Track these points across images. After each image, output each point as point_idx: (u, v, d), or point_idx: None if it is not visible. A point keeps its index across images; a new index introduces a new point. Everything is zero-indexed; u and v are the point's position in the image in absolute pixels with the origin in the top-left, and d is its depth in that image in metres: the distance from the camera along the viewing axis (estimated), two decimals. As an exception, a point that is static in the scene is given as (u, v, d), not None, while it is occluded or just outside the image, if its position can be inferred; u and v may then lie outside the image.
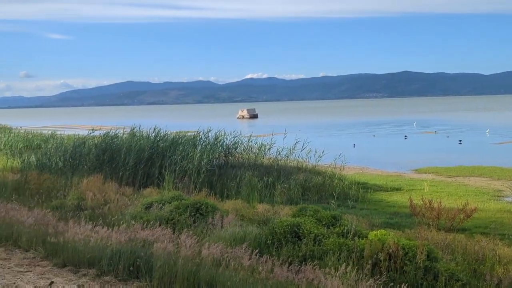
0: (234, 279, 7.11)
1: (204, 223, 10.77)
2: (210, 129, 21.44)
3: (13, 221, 10.81)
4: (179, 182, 16.25)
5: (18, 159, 22.37)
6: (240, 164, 18.87)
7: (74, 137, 23.41)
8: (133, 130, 21.22)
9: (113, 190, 15.06)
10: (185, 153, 18.01)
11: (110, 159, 18.76)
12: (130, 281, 7.71)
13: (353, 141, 44.11)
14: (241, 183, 15.92)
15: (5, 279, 7.50)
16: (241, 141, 20.96)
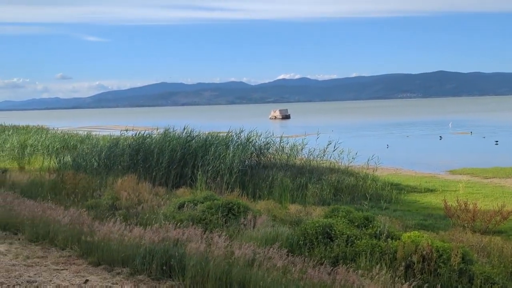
0: (266, 279, 7.10)
1: (236, 223, 10.80)
2: (242, 129, 21.49)
3: (49, 220, 11.05)
4: (212, 182, 16.33)
5: (54, 159, 22.84)
6: (272, 164, 18.85)
7: (108, 138, 23.79)
8: (167, 131, 21.43)
9: (147, 190, 15.24)
10: (218, 153, 18.09)
11: (144, 159, 18.99)
12: (163, 280, 7.79)
13: (386, 141, 43.60)
14: (273, 183, 15.90)
15: (42, 276, 7.67)
16: (273, 141, 20.94)
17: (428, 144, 44.40)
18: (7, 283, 7.14)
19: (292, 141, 22.01)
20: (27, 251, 9.50)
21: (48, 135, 31.51)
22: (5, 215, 11.87)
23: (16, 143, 27.54)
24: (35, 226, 10.70)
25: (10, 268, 8.07)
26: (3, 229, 11.28)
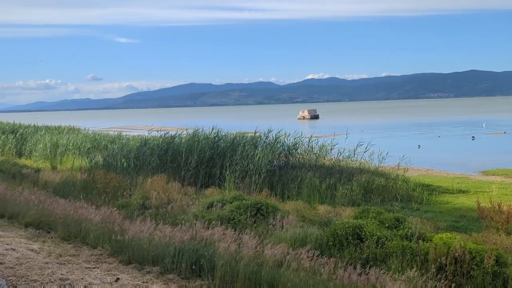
0: (295, 280, 7.07)
1: (264, 223, 10.80)
2: (271, 129, 21.46)
3: (81, 219, 11.23)
4: (240, 182, 16.37)
5: (85, 159, 23.18)
6: (301, 164, 18.77)
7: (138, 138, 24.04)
8: (196, 131, 21.55)
9: (176, 189, 15.37)
10: (246, 153, 18.12)
11: (173, 159, 19.13)
12: (192, 279, 7.82)
13: (417, 142, 43.00)
14: (302, 184, 15.84)
15: (74, 274, 7.78)
16: (301, 141, 20.86)
17: (460, 144, 43.64)
18: (40, 281, 7.27)
19: (321, 141, 21.89)
20: (60, 249, 9.65)
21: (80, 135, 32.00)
22: (38, 214, 12.10)
23: (49, 143, 28.04)
24: (67, 225, 10.87)
25: (43, 266, 8.21)
26: (37, 228, 11.50)
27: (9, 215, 12.73)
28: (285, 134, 21.10)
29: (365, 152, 20.15)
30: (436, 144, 43.48)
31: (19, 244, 9.78)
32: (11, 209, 13.00)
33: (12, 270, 7.76)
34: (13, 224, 12.04)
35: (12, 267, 7.98)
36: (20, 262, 8.35)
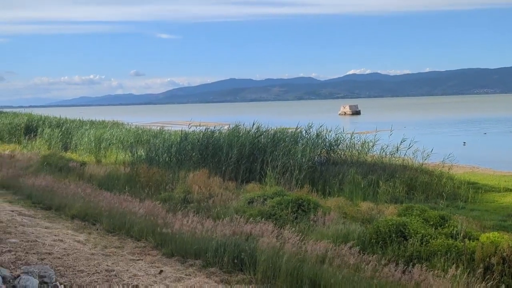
0: (338, 277, 7.02)
1: (306, 219, 10.77)
2: (312, 125, 21.34)
3: (125, 211, 11.45)
4: (281, 178, 16.34)
5: (129, 153, 23.58)
6: (342, 161, 18.61)
7: (179, 133, 24.28)
8: (236, 126, 21.62)
9: (217, 184, 15.47)
10: (287, 149, 18.08)
11: (213, 154, 19.26)
12: (234, 273, 7.86)
13: (462, 139, 42.00)
14: (344, 180, 15.69)
15: (119, 266, 7.93)
16: (343, 137, 20.67)
17: (507, 141, 42.39)
18: (87, 271, 7.44)
19: (363, 137, 21.63)
20: (105, 241, 9.87)
21: (123, 130, 32.55)
22: (84, 206, 12.40)
23: (93, 137, 28.66)
24: (112, 217, 11.11)
25: (89, 257, 8.40)
26: (82, 220, 11.79)
27: (56, 207, 13.10)
28: (326, 130, 20.95)
29: (408, 149, 19.82)
30: (482, 141, 42.37)
31: (66, 236, 10.05)
32: (58, 201, 13.38)
33: (60, 261, 7.98)
34: (60, 216, 12.38)
35: (60, 257, 8.20)
36: (68, 253, 8.57)
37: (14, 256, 7.96)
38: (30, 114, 43.70)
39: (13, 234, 9.71)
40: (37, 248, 8.72)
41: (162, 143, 22.19)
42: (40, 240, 9.36)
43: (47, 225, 11.13)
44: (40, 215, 12.47)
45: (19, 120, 38.12)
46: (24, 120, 37.82)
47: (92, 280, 6.99)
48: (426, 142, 22.99)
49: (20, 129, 35.41)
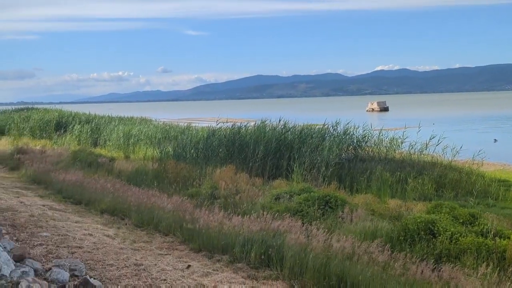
0: (365, 274, 6.97)
1: (333, 216, 10.73)
2: (339, 121, 21.19)
3: (154, 206, 11.57)
4: (308, 175, 16.28)
5: (157, 149, 23.79)
6: (370, 158, 18.44)
7: (206, 129, 24.39)
8: (262, 122, 21.61)
9: (244, 180, 15.51)
10: (314, 145, 18.00)
11: (240, 150, 19.29)
12: (261, 269, 7.88)
13: (492, 135, 41.19)
14: (371, 177, 15.55)
15: (147, 260, 8.02)
16: (371, 134, 20.48)
17: (540, 139, 41.43)
18: (116, 265, 7.54)
19: (391, 134, 21.39)
20: (134, 236, 9.99)
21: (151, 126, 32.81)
22: (113, 201, 12.58)
23: (122, 133, 28.99)
24: (140, 212, 11.24)
25: (118, 251, 8.52)
26: (112, 214, 11.95)
27: (86, 201, 13.31)
28: (353, 126, 20.79)
29: (437, 146, 19.52)
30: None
31: (96, 230, 10.21)
32: (88, 196, 13.59)
33: (90, 255, 8.11)
34: (89, 211, 12.58)
35: (89, 251, 8.33)
36: (97, 247, 8.70)
37: (46, 250, 8.12)
38: (61, 110, 44.39)
39: (44, 228, 9.90)
40: (67, 242, 8.88)
41: (189, 139, 22.32)
42: (70, 234, 9.52)
43: (77, 219, 11.32)
44: (71, 209, 12.69)
45: (49, 116, 38.77)
46: (54, 116, 38.45)
47: (121, 274, 7.08)
48: (455, 138, 22.65)
49: (51, 125, 36.03)
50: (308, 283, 7.24)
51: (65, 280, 6.43)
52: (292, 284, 7.28)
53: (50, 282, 6.11)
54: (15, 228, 9.65)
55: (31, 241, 8.71)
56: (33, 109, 50.33)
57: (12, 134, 36.40)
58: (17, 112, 46.93)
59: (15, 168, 20.41)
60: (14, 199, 13.19)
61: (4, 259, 5.98)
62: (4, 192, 14.34)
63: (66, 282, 6.40)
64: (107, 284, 6.56)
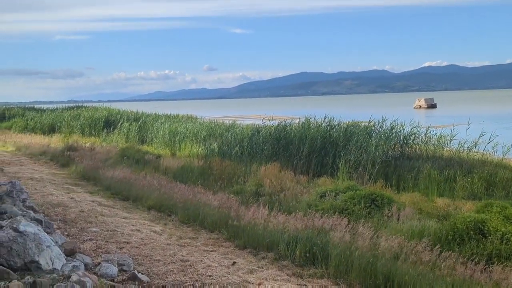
0: (412, 273, 6.86)
1: (379, 214, 10.60)
2: (385, 119, 20.85)
3: (199, 203, 11.71)
4: (353, 172, 16.11)
5: (202, 146, 24.02)
6: (417, 155, 18.07)
7: (251, 127, 24.45)
8: (307, 120, 21.51)
9: (289, 178, 15.49)
10: (359, 143, 17.78)
11: (285, 148, 19.26)
12: (306, 267, 7.86)
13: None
14: (419, 175, 15.25)
15: (193, 256, 8.13)
16: (418, 131, 20.07)
17: None
18: (163, 261, 7.68)
19: (439, 131, 20.90)
20: (180, 232, 10.13)
21: (196, 123, 33.14)
22: (159, 198, 12.79)
23: (168, 131, 29.41)
24: (186, 209, 11.39)
25: (165, 247, 8.66)
26: (158, 210, 12.16)
27: (134, 198, 13.58)
28: (400, 123, 20.43)
29: (488, 143, 18.96)
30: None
31: (143, 226, 10.41)
32: (135, 192, 13.87)
33: (137, 250, 8.28)
34: (137, 207, 12.84)
35: (137, 247, 8.51)
36: (144, 242, 8.88)
37: (95, 245, 8.34)
38: (109, 108, 45.41)
39: (93, 223, 10.17)
40: (116, 237, 9.09)
41: (234, 136, 22.44)
42: (119, 229, 9.74)
43: (125, 215, 11.57)
44: (119, 205, 12.98)
45: (99, 114, 39.73)
46: (103, 114, 39.36)
47: (168, 270, 7.20)
48: (506, 136, 21.92)
49: (100, 123, 36.91)
50: (353, 282, 7.18)
51: (114, 274, 6.59)
52: (337, 283, 7.24)
53: (100, 276, 6.27)
54: (66, 223, 9.95)
55: (81, 236, 8.97)
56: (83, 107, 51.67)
57: (63, 132, 37.45)
58: (67, 111, 48.24)
59: (66, 165, 21.00)
60: (65, 195, 13.60)
61: (56, 253, 6.17)
62: (55, 188, 14.80)
63: (115, 276, 6.55)
64: (154, 279, 6.68)
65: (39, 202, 11.79)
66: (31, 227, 6.16)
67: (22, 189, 11.12)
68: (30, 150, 26.57)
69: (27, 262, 5.77)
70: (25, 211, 9.16)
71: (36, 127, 41.08)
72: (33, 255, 5.81)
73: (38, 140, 31.69)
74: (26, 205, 10.36)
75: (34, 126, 41.57)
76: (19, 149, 28.01)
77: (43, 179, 16.71)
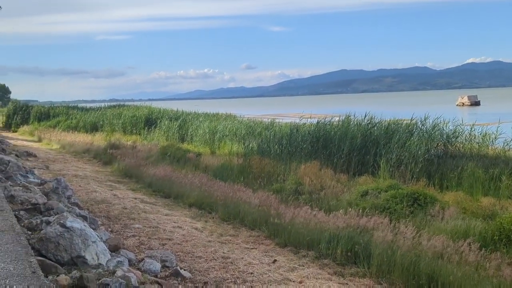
0: (456, 274, 6.72)
1: (422, 214, 10.41)
2: (427, 116, 20.44)
3: (239, 201, 11.76)
4: (395, 171, 15.87)
5: (242, 144, 24.09)
6: (461, 154, 17.65)
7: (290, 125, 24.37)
8: (347, 118, 21.30)
9: (329, 176, 15.37)
10: (401, 141, 17.49)
11: (324, 146, 19.12)
12: (347, 266, 7.81)
13: None
14: (463, 174, 14.91)
15: (234, 253, 8.18)
16: (462, 129, 19.61)
17: None
18: (204, 258, 7.76)
19: (483, 129, 20.36)
20: (220, 229, 10.22)
21: (235, 122, 33.23)
22: (200, 195, 12.92)
23: (207, 129, 29.60)
24: (226, 206, 11.47)
25: (206, 244, 8.75)
26: (199, 208, 12.29)
27: (175, 195, 13.77)
28: (443, 121, 20.00)
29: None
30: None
31: (185, 223, 10.54)
32: (176, 190, 14.05)
33: (179, 246, 8.39)
34: (178, 204, 13.01)
35: (179, 243, 8.63)
36: (186, 239, 8.99)
37: (138, 241, 8.50)
38: (150, 107, 46.04)
39: (136, 220, 10.35)
40: (158, 234, 9.24)
41: (273, 135, 22.42)
42: (161, 226, 9.89)
43: (166, 212, 11.74)
44: (160, 202, 13.18)
45: (140, 112, 40.32)
46: (144, 112, 39.92)
47: (209, 266, 7.27)
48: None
49: (141, 121, 37.46)
50: (396, 281, 7.09)
51: (157, 270, 6.70)
52: (380, 282, 7.16)
53: (143, 272, 6.38)
54: (109, 220, 10.17)
55: (124, 232, 9.15)
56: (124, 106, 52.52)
57: (105, 130, 38.20)
58: (109, 109, 49.14)
59: (108, 163, 21.44)
60: (108, 192, 13.89)
61: (101, 248, 6.31)
62: (98, 185, 15.13)
63: (158, 272, 6.66)
64: (196, 276, 6.76)
65: (84, 199, 12.08)
66: (78, 223, 6.31)
67: (67, 186, 11.44)
68: (74, 148, 27.25)
69: (74, 257, 5.93)
70: (70, 208, 9.42)
71: (80, 126, 42.02)
72: (79, 250, 5.96)
73: (82, 138, 32.44)
74: (71, 201, 10.65)
75: (77, 125, 42.54)
76: (63, 147, 28.79)
77: (87, 176, 17.11)
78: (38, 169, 17.39)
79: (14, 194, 9.28)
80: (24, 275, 4.75)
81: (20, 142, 33.23)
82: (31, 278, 4.66)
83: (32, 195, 9.43)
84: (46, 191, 10.59)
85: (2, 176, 12.14)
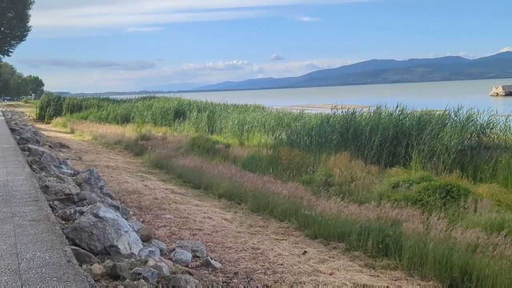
0: (492, 268, 6.57)
1: (455, 206, 10.22)
2: (461, 107, 20.04)
3: (269, 192, 11.75)
4: (427, 163, 15.62)
5: (271, 136, 24.05)
6: (495, 145, 17.26)
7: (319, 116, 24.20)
8: (378, 109, 21.03)
9: (359, 168, 15.21)
10: (434, 132, 17.19)
11: (354, 137, 18.93)
12: (378, 258, 7.72)
13: None
14: (497, 166, 14.58)
15: (264, 244, 8.17)
16: (496, 120, 19.16)
17: None
18: (234, 248, 7.77)
19: (518, 120, 19.85)
20: (250, 220, 10.22)
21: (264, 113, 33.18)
22: (230, 186, 12.95)
23: (236, 120, 29.65)
24: (256, 197, 11.47)
25: (236, 234, 8.77)
26: (229, 199, 12.32)
27: (205, 186, 13.84)
28: (477, 112, 19.59)
29: None
30: None
31: (214, 213, 10.58)
32: (206, 181, 14.11)
33: (209, 237, 8.42)
34: (208, 195, 13.07)
35: (209, 234, 8.66)
36: (216, 229, 9.02)
37: (169, 231, 8.57)
38: (179, 98, 46.33)
39: (167, 210, 10.44)
40: (188, 224, 9.30)
41: (302, 126, 22.30)
42: (191, 216, 9.96)
43: (196, 203, 11.81)
44: (190, 193, 13.27)
45: (169, 104, 40.63)
46: (174, 104, 40.21)
47: (239, 257, 7.28)
48: None
49: (171, 113, 37.76)
50: (428, 274, 6.99)
51: (188, 260, 6.74)
52: (411, 275, 7.06)
53: (174, 262, 6.43)
54: (141, 210, 10.28)
55: (155, 222, 9.23)
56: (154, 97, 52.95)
57: (136, 122, 38.64)
58: (140, 101, 49.63)
59: (139, 154, 21.68)
60: (139, 183, 14.05)
61: (134, 238, 6.37)
62: (130, 176, 15.32)
63: (189, 262, 6.70)
64: (226, 266, 6.77)
65: (115, 189, 12.24)
66: (110, 213, 6.39)
67: (99, 177, 11.60)
68: (105, 139, 27.64)
69: (107, 247, 6.00)
70: (102, 198, 9.55)
71: (111, 117, 42.60)
72: (112, 240, 6.03)
73: (113, 130, 32.89)
74: (104, 192, 10.80)
75: (108, 116, 43.13)
76: (95, 138, 29.23)
77: (119, 167, 17.34)
78: (71, 160, 17.69)
79: (48, 184, 9.46)
80: (60, 264, 4.83)
81: (53, 134, 33.89)
82: (67, 267, 4.74)
83: (66, 186, 9.59)
84: (79, 182, 10.77)
85: (36, 167, 12.40)
